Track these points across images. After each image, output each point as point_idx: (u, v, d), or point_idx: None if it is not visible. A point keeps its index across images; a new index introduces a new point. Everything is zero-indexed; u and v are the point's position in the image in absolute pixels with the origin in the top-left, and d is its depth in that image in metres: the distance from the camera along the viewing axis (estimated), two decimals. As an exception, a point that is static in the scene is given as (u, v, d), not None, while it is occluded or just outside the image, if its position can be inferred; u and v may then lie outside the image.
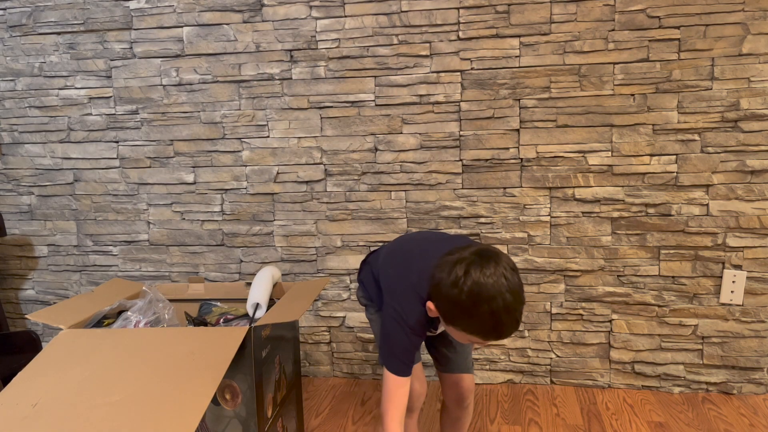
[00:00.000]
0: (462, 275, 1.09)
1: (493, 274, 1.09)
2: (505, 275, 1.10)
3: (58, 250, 2.35)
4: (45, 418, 1.10)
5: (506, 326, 1.10)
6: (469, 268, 1.10)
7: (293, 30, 2.06)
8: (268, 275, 1.68)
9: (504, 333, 1.11)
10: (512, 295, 1.09)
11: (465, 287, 1.08)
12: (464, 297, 1.08)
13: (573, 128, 1.96)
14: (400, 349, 1.25)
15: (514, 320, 1.10)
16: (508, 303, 1.07)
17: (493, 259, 1.12)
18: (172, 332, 1.43)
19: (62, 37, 2.21)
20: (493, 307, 1.07)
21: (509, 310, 1.08)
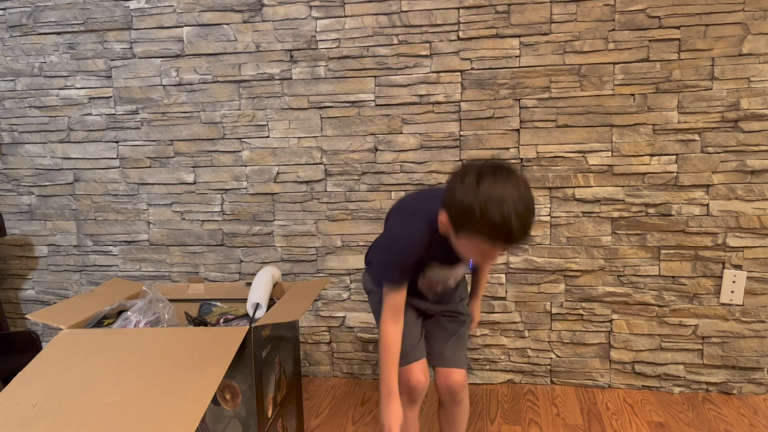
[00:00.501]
0: (475, 180, 1.13)
1: (506, 181, 1.14)
2: (517, 183, 1.14)
3: (58, 250, 2.35)
4: (45, 418, 1.10)
5: (515, 229, 1.11)
6: (482, 174, 1.15)
7: (293, 30, 2.06)
8: (268, 275, 1.68)
9: (512, 236, 1.12)
10: (523, 201, 1.12)
11: (477, 189, 1.12)
12: (475, 198, 1.12)
13: (573, 128, 1.96)
14: (395, 266, 1.31)
15: (523, 225, 1.12)
16: (518, 206, 1.11)
17: (506, 170, 1.17)
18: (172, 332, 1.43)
19: (62, 37, 2.21)
20: (503, 209, 1.10)
21: (519, 214, 1.10)
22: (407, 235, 1.31)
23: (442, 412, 1.54)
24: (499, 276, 2.07)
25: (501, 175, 1.16)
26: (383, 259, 1.38)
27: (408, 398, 1.44)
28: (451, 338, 1.48)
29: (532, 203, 1.16)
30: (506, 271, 2.07)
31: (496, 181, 1.14)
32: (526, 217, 1.13)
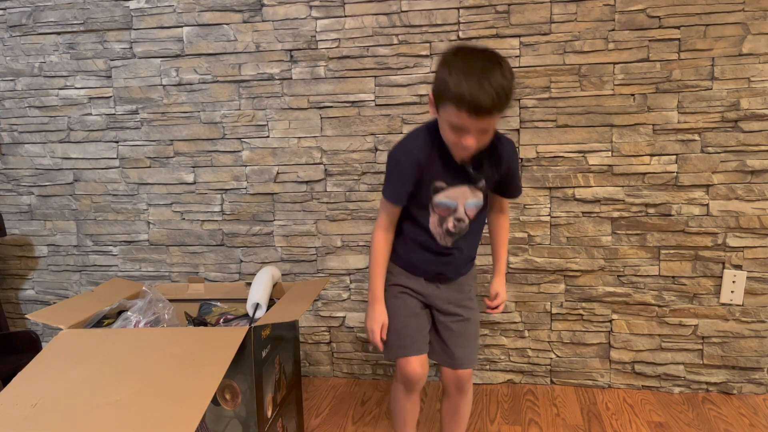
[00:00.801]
0: (452, 54, 1.22)
1: (481, 55, 1.21)
2: (492, 58, 1.20)
3: (58, 250, 2.35)
4: (45, 418, 1.10)
5: (479, 95, 1.14)
6: (460, 50, 1.23)
7: (293, 30, 2.06)
8: (268, 275, 1.68)
9: (476, 102, 1.14)
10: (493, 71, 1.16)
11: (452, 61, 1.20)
12: (449, 69, 1.18)
13: (573, 128, 1.96)
14: (394, 177, 1.35)
15: (488, 92, 1.14)
16: (487, 75, 1.15)
17: (485, 49, 1.26)
18: (172, 332, 1.43)
19: (62, 37, 2.21)
20: (471, 75, 1.15)
21: (485, 81, 1.14)
22: (405, 144, 1.35)
23: (446, 403, 1.53)
24: (499, 276, 2.07)
25: (478, 50, 1.23)
26: (386, 174, 1.38)
27: (405, 387, 1.46)
28: (460, 339, 1.46)
29: (502, 76, 1.17)
30: (506, 271, 2.07)
31: (472, 54, 1.21)
32: (493, 84, 1.14)
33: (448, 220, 1.37)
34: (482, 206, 1.39)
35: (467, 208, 1.37)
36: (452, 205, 1.35)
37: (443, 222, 1.37)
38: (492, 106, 1.16)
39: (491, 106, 1.15)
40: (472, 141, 1.21)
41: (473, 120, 1.18)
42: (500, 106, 1.17)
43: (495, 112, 1.18)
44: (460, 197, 1.35)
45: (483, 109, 1.16)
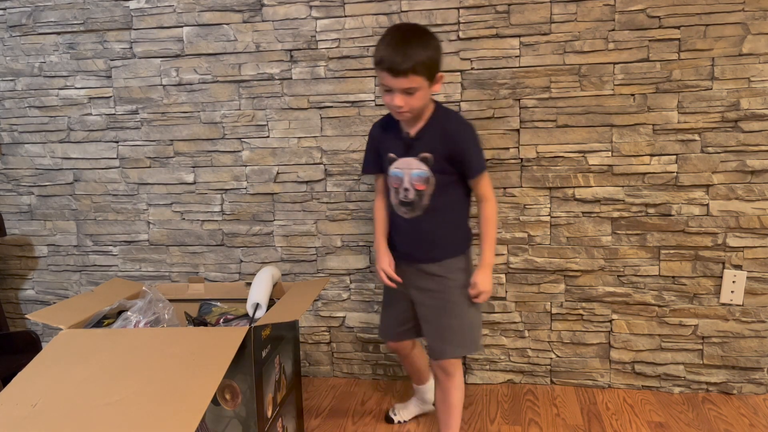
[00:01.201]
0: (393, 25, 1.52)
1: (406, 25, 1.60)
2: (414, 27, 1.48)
3: (58, 250, 2.35)
4: (45, 418, 1.10)
5: (388, 52, 1.37)
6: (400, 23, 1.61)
7: (293, 30, 2.06)
8: (268, 275, 1.67)
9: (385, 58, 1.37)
10: (406, 34, 1.40)
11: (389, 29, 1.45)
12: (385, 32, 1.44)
13: (573, 128, 1.96)
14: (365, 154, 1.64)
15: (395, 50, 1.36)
16: (399, 37, 1.39)
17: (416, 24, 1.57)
18: (172, 332, 1.43)
19: (62, 37, 2.21)
20: (386, 38, 1.40)
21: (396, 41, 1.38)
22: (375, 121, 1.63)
23: (438, 390, 1.63)
24: (499, 276, 2.07)
25: (408, 25, 1.60)
26: None
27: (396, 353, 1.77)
28: (431, 329, 1.57)
29: (420, 43, 1.39)
30: (506, 271, 2.07)
31: (401, 27, 1.50)
32: (409, 48, 1.36)
33: (400, 191, 1.52)
34: (431, 179, 1.49)
35: (412, 178, 1.49)
36: (400, 175, 1.51)
37: (397, 193, 1.53)
38: (406, 67, 1.35)
39: (404, 65, 1.35)
40: (398, 100, 1.40)
41: (393, 79, 1.38)
42: (414, 68, 1.36)
43: (410, 73, 1.36)
44: (406, 168, 1.50)
45: (397, 69, 1.36)
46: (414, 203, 1.50)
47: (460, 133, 1.48)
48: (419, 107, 1.43)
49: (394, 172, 1.51)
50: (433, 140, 1.47)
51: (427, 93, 1.43)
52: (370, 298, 2.17)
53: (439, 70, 1.43)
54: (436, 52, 1.41)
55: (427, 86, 1.41)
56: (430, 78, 1.41)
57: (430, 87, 1.42)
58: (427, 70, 1.38)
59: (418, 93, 1.40)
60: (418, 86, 1.38)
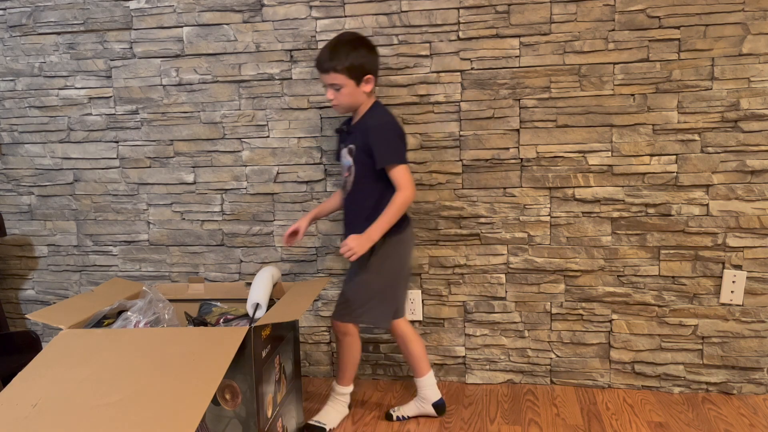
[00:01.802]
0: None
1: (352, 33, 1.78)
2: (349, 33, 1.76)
3: (58, 250, 2.35)
4: (45, 418, 1.10)
5: (320, 53, 1.68)
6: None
7: (293, 30, 2.06)
8: (268, 275, 1.68)
9: (321, 56, 1.67)
10: (339, 37, 1.71)
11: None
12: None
13: (573, 128, 1.96)
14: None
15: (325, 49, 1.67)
16: (341, 40, 1.68)
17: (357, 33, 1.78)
18: (172, 332, 1.43)
19: (62, 37, 2.21)
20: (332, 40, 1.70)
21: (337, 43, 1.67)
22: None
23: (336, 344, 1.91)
24: (499, 276, 2.08)
25: (348, 32, 1.79)
26: None
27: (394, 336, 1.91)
28: (341, 294, 1.85)
29: (349, 45, 1.65)
30: (506, 271, 2.07)
31: (341, 34, 1.75)
32: (335, 49, 1.63)
33: (345, 172, 1.78)
34: (352, 168, 1.73)
35: (344, 166, 1.78)
36: (344, 164, 1.78)
37: (342, 173, 1.80)
38: (328, 66, 1.63)
39: (326, 64, 1.63)
40: (329, 94, 1.68)
41: (321, 75, 1.67)
42: (335, 67, 1.62)
43: (331, 71, 1.63)
44: (343, 156, 1.78)
45: (321, 66, 1.66)
46: (345, 185, 1.79)
47: (373, 127, 1.69)
48: (347, 103, 1.69)
49: (342, 160, 1.80)
50: (359, 134, 1.71)
51: (355, 91, 1.67)
52: (370, 298, 2.17)
53: (367, 73, 1.66)
54: (362, 58, 1.65)
55: (353, 85, 1.66)
56: (355, 78, 1.65)
57: (357, 86, 1.67)
58: (349, 70, 1.63)
59: (344, 90, 1.65)
60: (341, 83, 1.64)
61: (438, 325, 2.14)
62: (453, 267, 2.09)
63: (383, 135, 1.68)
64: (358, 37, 1.73)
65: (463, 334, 2.13)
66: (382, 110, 1.76)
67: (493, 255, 2.07)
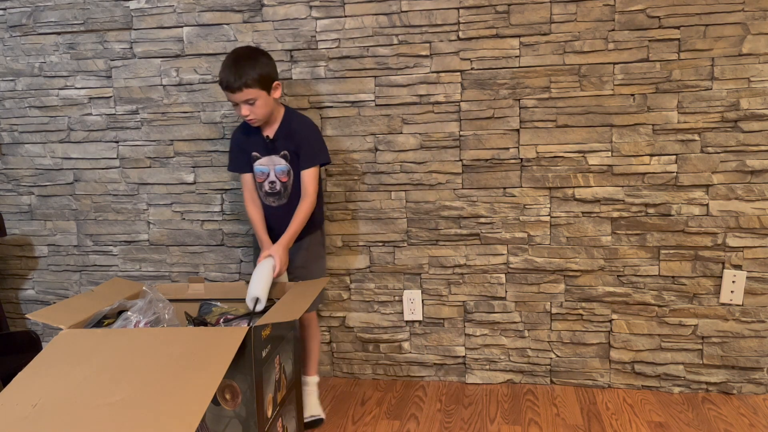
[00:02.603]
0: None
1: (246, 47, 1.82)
2: (245, 48, 1.78)
3: (58, 250, 2.35)
4: (45, 418, 1.10)
5: (223, 74, 1.68)
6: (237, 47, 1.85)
7: (293, 30, 2.06)
8: (269, 267, 1.66)
9: (222, 79, 1.68)
10: (235, 54, 1.71)
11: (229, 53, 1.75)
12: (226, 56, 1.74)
13: (573, 128, 1.96)
14: (230, 153, 1.91)
15: (229, 70, 1.66)
16: (230, 59, 1.69)
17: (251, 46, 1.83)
18: (172, 332, 1.43)
19: (62, 37, 2.21)
20: (230, 58, 1.71)
21: (227, 64, 1.68)
22: (236, 127, 1.89)
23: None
24: (499, 276, 2.08)
25: (241, 48, 1.79)
26: None
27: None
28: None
29: (248, 60, 1.67)
30: (506, 271, 2.07)
31: (235, 50, 1.75)
32: (238, 67, 1.65)
33: (265, 185, 1.82)
34: (290, 172, 1.80)
35: (277, 172, 1.80)
36: (266, 170, 1.81)
37: (262, 186, 1.83)
38: (239, 84, 1.64)
39: (237, 83, 1.65)
40: (244, 110, 1.70)
41: (232, 95, 1.68)
42: (246, 82, 1.64)
43: (244, 88, 1.65)
44: (270, 164, 1.80)
45: (232, 86, 1.66)
46: (280, 193, 1.82)
47: (301, 131, 1.78)
48: (265, 113, 1.73)
49: (259, 168, 1.82)
50: (287, 139, 1.78)
51: (268, 101, 1.72)
52: (370, 298, 2.17)
53: (274, 80, 1.72)
54: (266, 67, 1.70)
55: (265, 95, 1.70)
56: (265, 88, 1.69)
57: (269, 95, 1.71)
58: (259, 82, 1.67)
59: (258, 102, 1.69)
60: (255, 97, 1.68)
61: (438, 325, 2.14)
62: (453, 267, 2.10)
63: (314, 136, 1.81)
64: (253, 48, 1.79)
65: (463, 334, 2.13)
66: (299, 114, 1.85)
67: (493, 255, 2.07)
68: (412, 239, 2.10)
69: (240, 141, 1.85)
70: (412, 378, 2.19)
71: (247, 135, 1.83)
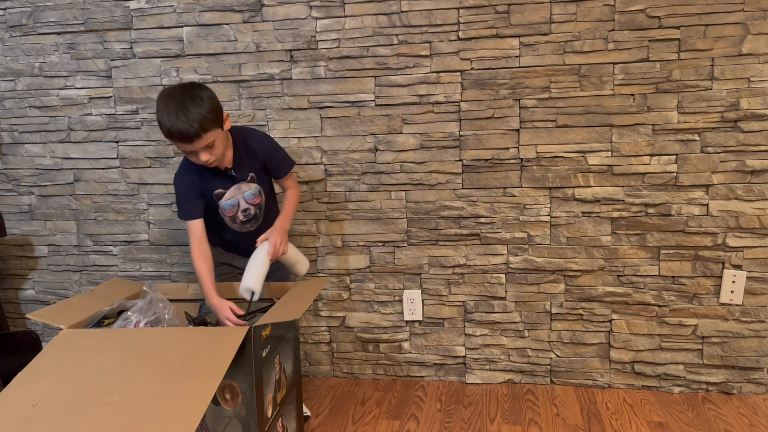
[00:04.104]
0: (159, 99, 1.50)
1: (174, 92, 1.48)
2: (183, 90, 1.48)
3: (58, 250, 2.35)
4: (45, 418, 1.10)
5: (174, 125, 1.44)
6: (162, 94, 1.50)
7: (293, 30, 2.06)
8: (263, 254, 1.62)
9: (174, 131, 1.45)
10: (179, 101, 1.45)
11: (158, 106, 1.48)
12: (158, 113, 1.48)
13: (573, 128, 1.96)
14: (180, 202, 1.65)
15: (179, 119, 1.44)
16: (174, 108, 1.44)
17: (182, 84, 1.52)
18: (172, 332, 1.43)
19: (62, 37, 2.21)
20: (165, 115, 1.45)
21: (175, 113, 1.43)
22: (176, 176, 1.67)
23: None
24: (499, 276, 2.08)
25: (175, 89, 1.49)
26: (176, 202, 1.69)
27: None
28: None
29: (194, 104, 1.45)
30: (506, 271, 2.07)
31: (170, 95, 1.48)
32: (189, 115, 1.43)
33: (238, 216, 1.71)
34: (261, 191, 1.72)
35: (246, 198, 1.70)
36: (234, 202, 1.69)
37: (235, 219, 1.71)
38: (195, 131, 1.45)
39: (194, 131, 1.45)
40: (203, 157, 1.51)
41: (188, 145, 1.48)
42: (203, 128, 1.46)
43: (202, 133, 1.46)
44: (238, 194, 1.68)
45: (187, 136, 1.46)
46: (256, 216, 1.74)
47: (261, 146, 1.69)
48: (223, 151, 1.58)
49: (226, 204, 1.68)
50: (248, 160, 1.67)
51: (223, 135, 1.57)
52: (370, 298, 2.17)
53: (221, 110, 1.55)
54: (211, 100, 1.51)
55: (221, 132, 1.54)
56: (219, 125, 1.53)
57: (223, 130, 1.56)
58: (214, 122, 1.50)
59: (217, 142, 1.53)
60: (213, 138, 1.51)
61: (438, 324, 2.14)
62: (453, 267, 2.10)
63: (275, 145, 1.75)
64: (186, 85, 1.53)
65: (463, 334, 2.13)
66: (245, 129, 1.72)
67: (493, 255, 2.07)
68: (412, 239, 2.11)
69: (193, 185, 1.64)
70: (412, 378, 2.19)
71: (200, 176, 1.64)
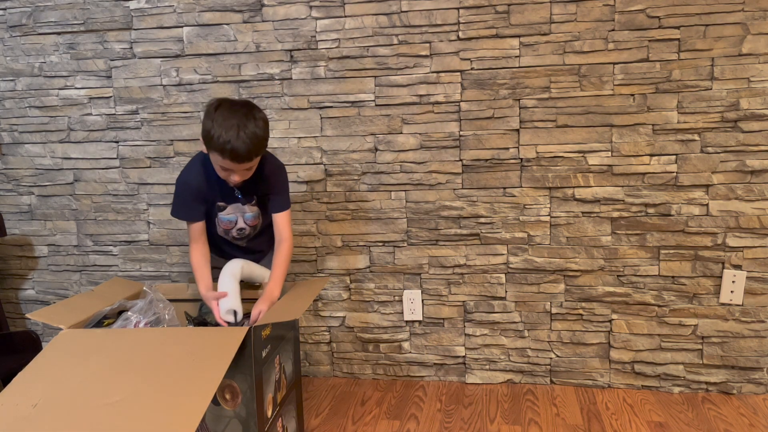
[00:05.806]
0: (214, 108, 1.48)
1: (238, 110, 1.46)
2: (248, 113, 1.47)
3: (58, 250, 2.35)
4: (45, 418, 1.10)
5: (235, 145, 1.42)
6: (221, 105, 1.48)
7: (293, 30, 2.06)
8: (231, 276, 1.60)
9: (233, 150, 1.43)
10: (246, 125, 1.43)
11: (214, 115, 1.46)
12: (212, 122, 1.46)
13: (573, 128, 1.96)
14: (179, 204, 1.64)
15: (243, 143, 1.42)
16: (241, 128, 1.42)
17: (243, 102, 1.51)
18: (172, 332, 1.43)
19: (62, 37, 2.21)
20: (228, 130, 1.43)
21: (240, 134, 1.42)
22: (182, 176, 1.64)
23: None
24: (499, 276, 2.08)
25: (236, 105, 1.49)
26: (173, 199, 1.67)
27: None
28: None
29: (256, 126, 1.45)
30: (506, 271, 2.07)
31: (230, 109, 1.47)
32: (248, 135, 1.43)
33: (232, 231, 1.69)
34: (260, 215, 1.69)
35: (246, 219, 1.68)
36: (233, 219, 1.67)
37: (228, 232, 1.69)
38: (249, 153, 1.45)
39: (248, 153, 1.45)
40: (238, 177, 1.52)
41: (236, 164, 1.47)
42: (256, 152, 1.47)
43: (253, 157, 1.48)
44: (238, 213, 1.66)
45: (242, 157, 1.45)
46: (249, 235, 1.72)
47: (273, 175, 1.65)
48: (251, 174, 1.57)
49: (226, 217, 1.67)
50: (255, 184, 1.62)
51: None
52: (370, 298, 2.17)
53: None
54: (267, 128, 1.51)
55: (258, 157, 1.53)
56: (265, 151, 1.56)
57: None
58: (264, 148, 1.52)
59: (254, 166, 1.53)
60: (256, 163, 1.53)
61: (438, 324, 2.14)
62: (453, 267, 2.10)
63: (285, 179, 1.70)
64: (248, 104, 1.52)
65: (463, 334, 2.13)
66: (266, 154, 1.64)
67: (493, 255, 2.07)
68: (412, 239, 2.11)
69: (198, 189, 1.61)
70: (412, 378, 2.19)
71: (208, 183, 1.60)
